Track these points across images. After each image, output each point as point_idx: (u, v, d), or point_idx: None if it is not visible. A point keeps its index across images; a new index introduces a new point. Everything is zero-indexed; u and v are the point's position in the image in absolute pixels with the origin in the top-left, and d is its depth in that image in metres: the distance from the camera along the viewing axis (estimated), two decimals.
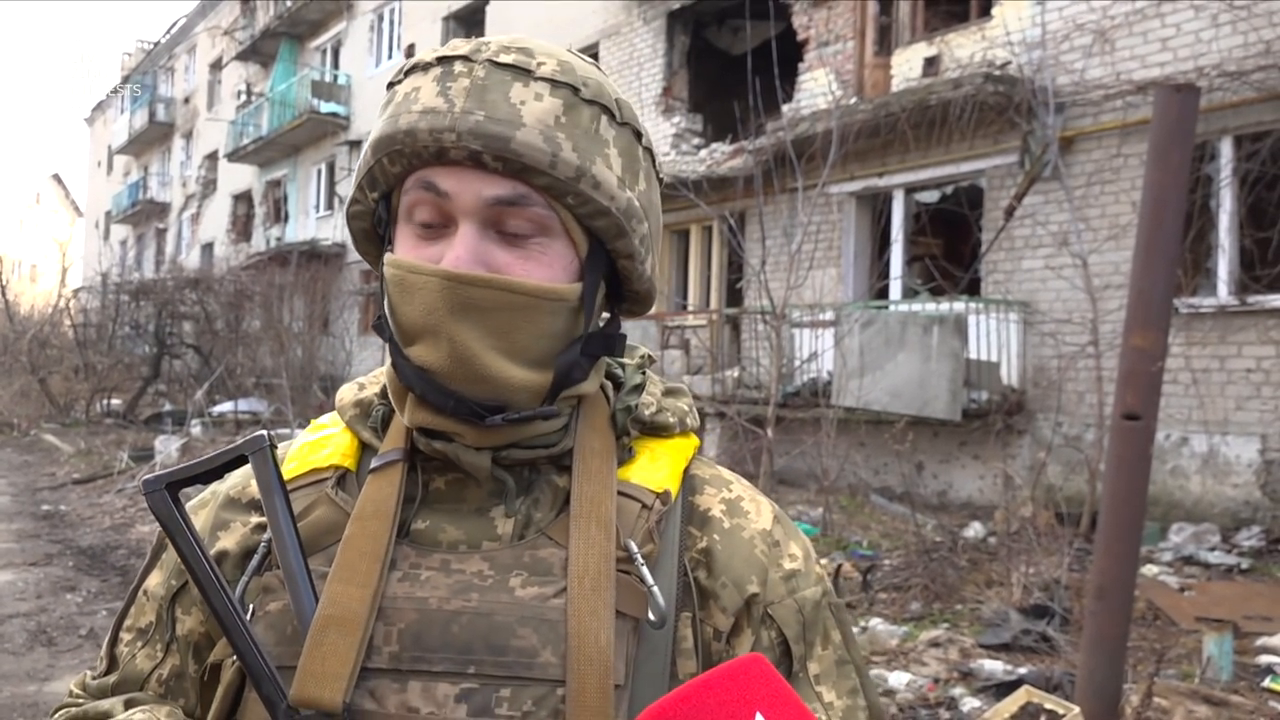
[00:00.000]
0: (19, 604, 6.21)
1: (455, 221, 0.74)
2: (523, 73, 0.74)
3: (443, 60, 0.75)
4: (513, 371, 0.75)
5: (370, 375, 0.91)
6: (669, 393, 0.90)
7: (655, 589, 0.73)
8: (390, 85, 0.79)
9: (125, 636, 0.85)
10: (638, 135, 0.80)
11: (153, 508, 0.72)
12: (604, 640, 0.70)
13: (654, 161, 0.84)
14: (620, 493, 0.79)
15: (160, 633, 0.84)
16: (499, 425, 0.75)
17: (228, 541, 0.82)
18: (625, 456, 0.83)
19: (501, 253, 0.75)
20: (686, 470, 0.85)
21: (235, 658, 0.73)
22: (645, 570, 0.74)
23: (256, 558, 0.77)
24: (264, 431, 0.77)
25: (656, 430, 0.85)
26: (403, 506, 0.77)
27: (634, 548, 0.75)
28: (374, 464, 0.79)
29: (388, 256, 0.77)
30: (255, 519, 0.82)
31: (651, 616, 0.73)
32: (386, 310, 0.77)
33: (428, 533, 0.77)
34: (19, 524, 9.03)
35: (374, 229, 0.82)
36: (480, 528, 0.78)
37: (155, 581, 0.85)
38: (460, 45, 0.76)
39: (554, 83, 0.74)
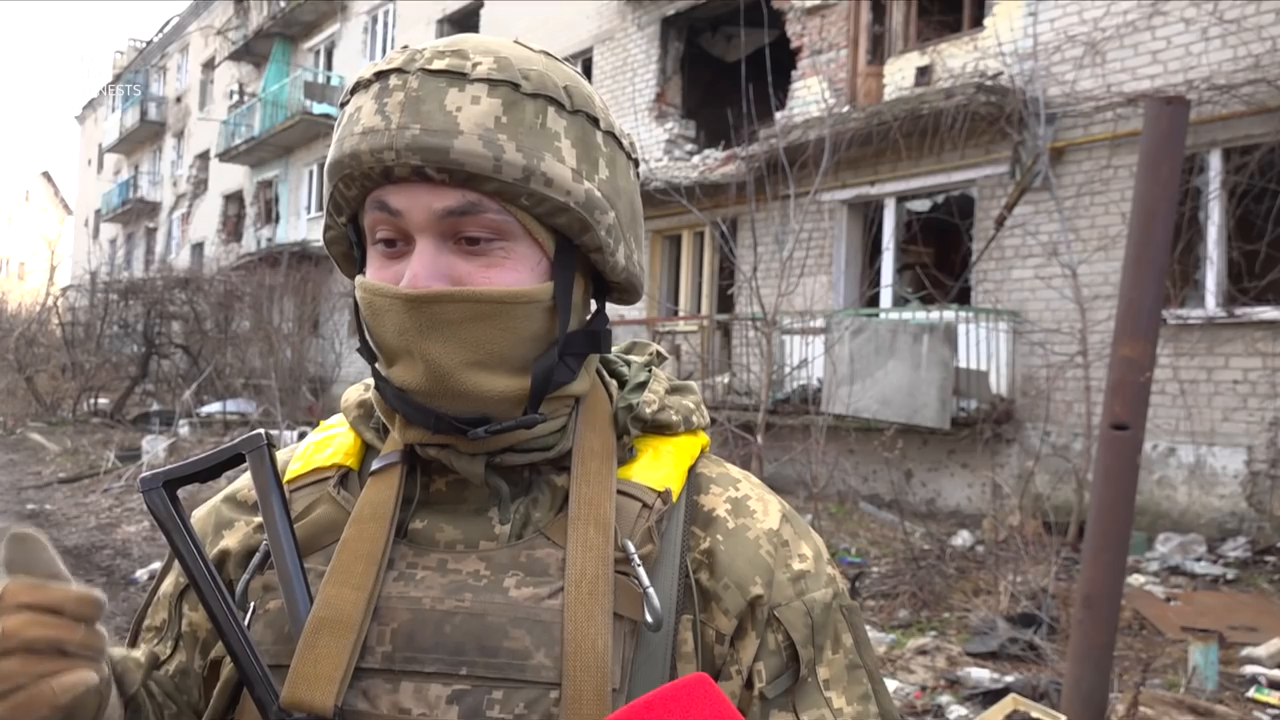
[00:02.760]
0: None
1: (412, 239, 0.73)
2: (457, 77, 0.71)
3: (379, 75, 0.73)
4: (491, 383, 0.73)
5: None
6: (675, 390, 0.88)
7: (651, 591, 0.72)
8: (341, 105, 0.78)
9: (146, 635, 0.86)
10: (594, 121, 0.76)
11: (150, 506, 0.71)
12: (601, 646, 0.69)
13: (620, 144, 0.79)
14: (620, 492, 0.77)
15: (170, 630, 0.85)
16: (481, 438, 0.74)
17: (230, 541, 0.82)
18: (627, 456, 0.81)
19: (462, 263, 0.73)
20: (692, 469, 0.83)
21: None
22: (642, 571, 0.73)
23: (258, 556, 0.77)
24: (261, 430, 0.77)
25: (660, 429, 0.84)
26: (401, 507, 0.77)
27: (631, 548, 0.74)
28: (374, 466, 0.79)
29: (357, 280, 0.77)
30: (257, 519, 0.82)
31: (648, 619, 0.71)
32: (366, 334, 0.78)
33: (425, 532, 0.77)
34: (3, 523, 8.97)
35: (350, 251, 0.82)
36: (478, 527, 0.77)
37: (169, 580, 0.87)
38: (396, 56, 0.74)
39: (491, 82, 0.72)
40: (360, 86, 0.75)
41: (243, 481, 0.86)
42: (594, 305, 0.83)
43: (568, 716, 0.67)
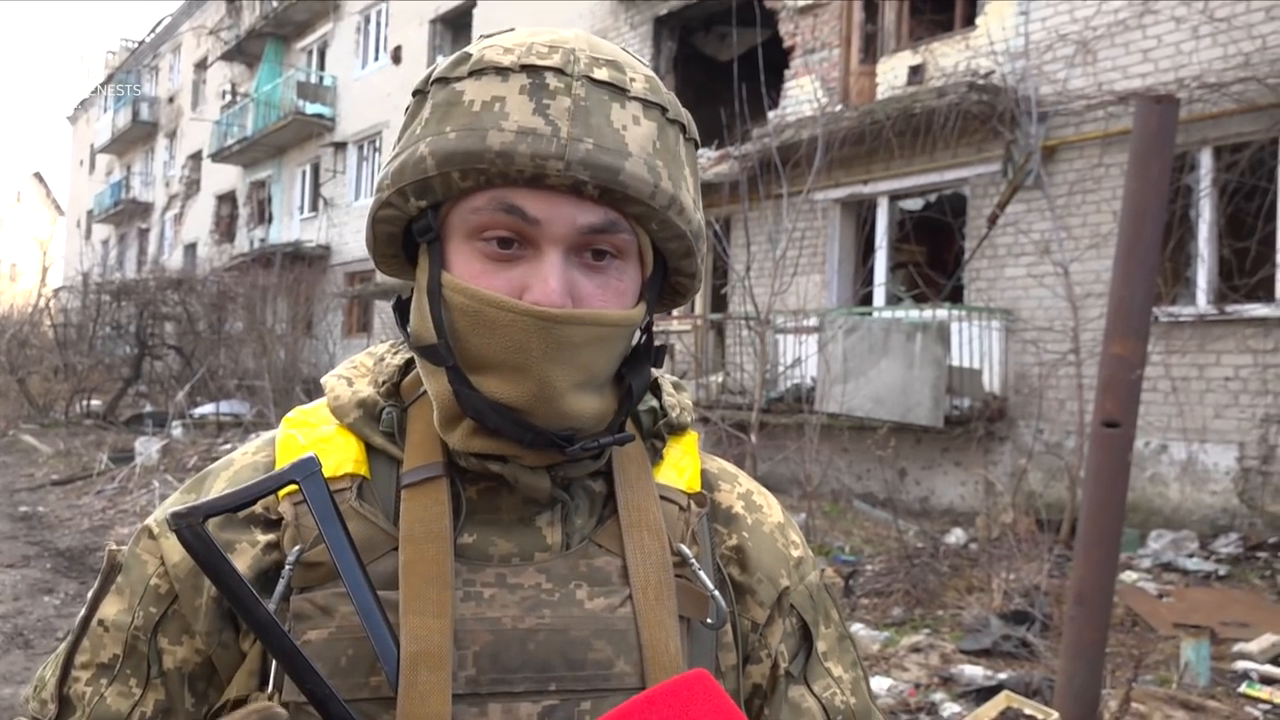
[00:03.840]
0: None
1: (538, 247, 0.70)
2: (619, 92, 0.70)
3: (529, 69, 0.69)
4: (587, 403, 0.72)
5: (349, 368, 0.85)
6: (674, 389, 0.90)
7: (717, 594, 0.75)
8: (444, 81, 0.72)
9: (82, 674, 0.76)
10: (696, 147, 0.78)
11: (187, 545, 0.64)
12: (674, 649, 0.72)
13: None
14: (659, 496, 0.80)
15: (133, 666, 0.75)
16: (578, 456, 0.73)
17: (238, 565, 0.73)
18: (655, 459, 0.83)
19: (585, 281, 0.71)
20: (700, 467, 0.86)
21: (270, 693, 0.69)
22: (704, 575, 0.76)
23: (282, 584, 0.71)
24: (312, 454, 0.70)
25: (676, 430, 0.87)
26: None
27: (687, 552, 0.77)
28: (410, 478, 0.75)
29: (451, 280, 0.71)
30: (263, 538, 0.75)
31: (709, 620, 0.75)
32: (446, 333, 0.71)
33: (477, 546, 0.75)
34: None
35: (403, 234, 0.76)
36: (529, 538, 0.76)
37: (115, 610, 0.76)
38: (546, 52, 0.70)
39: (646, 103, 0.71)
40: (492, 72, 0.69)
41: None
42: None
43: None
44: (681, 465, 0.84)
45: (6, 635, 5.53)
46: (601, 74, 0.70)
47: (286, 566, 0.71)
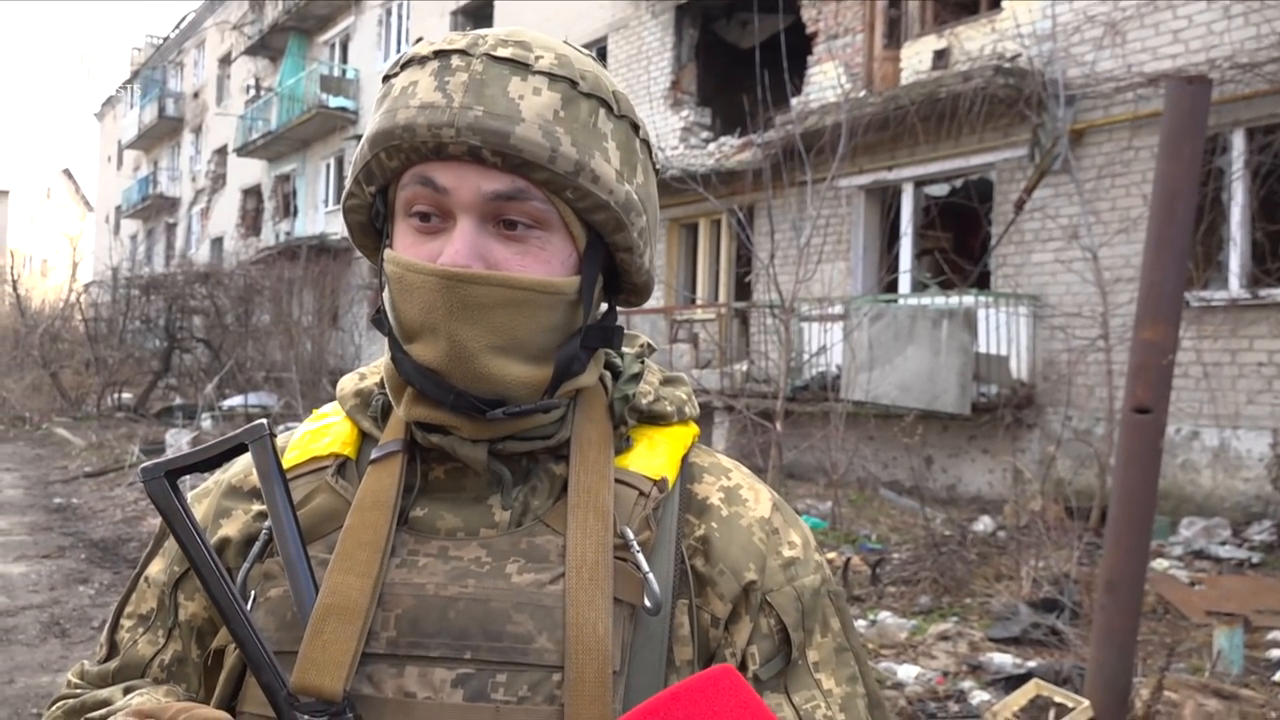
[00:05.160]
0: (32, 596, 6.26)
1: (453, 217, 0.74)
2: (521, 66, 0.73)
3: (440, 54, 0.75)
4: (511, 369, 0.75)
5: (371, 365, 0.91)
6: (667, 381, 0.90)
7: (650, 576, 0.74)
8: (386, 78, 0.79)
9: (126, 623, 0.86)
10: (635, 128, 0.80)
11: (151, 495, 0.72)
12: (602, 630, 0.71)
13: (651, 153, 0.83)
14: (618, 480, 0.79)
15: (162, 619, 0.84)
16: (499, 419, 0.75)
17: (230, 529, 0.82)
18: (623, 445, 0.83)
19: (500, 248, 0.74)
20: (685, 458, 0.85)
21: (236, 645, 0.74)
22: (641, 557, 0.75)
23: (258, 545, 0.78)
24: (263, 420, 0.77)
25: (654, 419, 0.86)
26: (402, 495, 0.78)
27: (630, 535, 0.76)
28: (374, 455, 0.80)
29: (387, 253, 0.77)
30: (256, 507, 0.83)
31: (647, 603, 0.73)
32: (387, 306, 0.78)
33: (426, 520, 0.78)
34: (31, 517, 9.09)
35: (371, 223, 0.82)
36: (478, 515, 0.78)
37: (157, 568, 0.86)
38: (457, 39, 0.75)
39: (552, 76, 0.74)
40: (414, 62, 0.76)
41: (239, 469, 0.87)
42: (603, 304, 0.85)
43: (570, 697, 0.69)
44: (655, 454, 0.83)
45: (43, 625, 5.63)
46: (505, 52, 0.74)
47: (263, 531, 0.78)
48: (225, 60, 29.29)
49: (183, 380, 19.88)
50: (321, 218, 23.10)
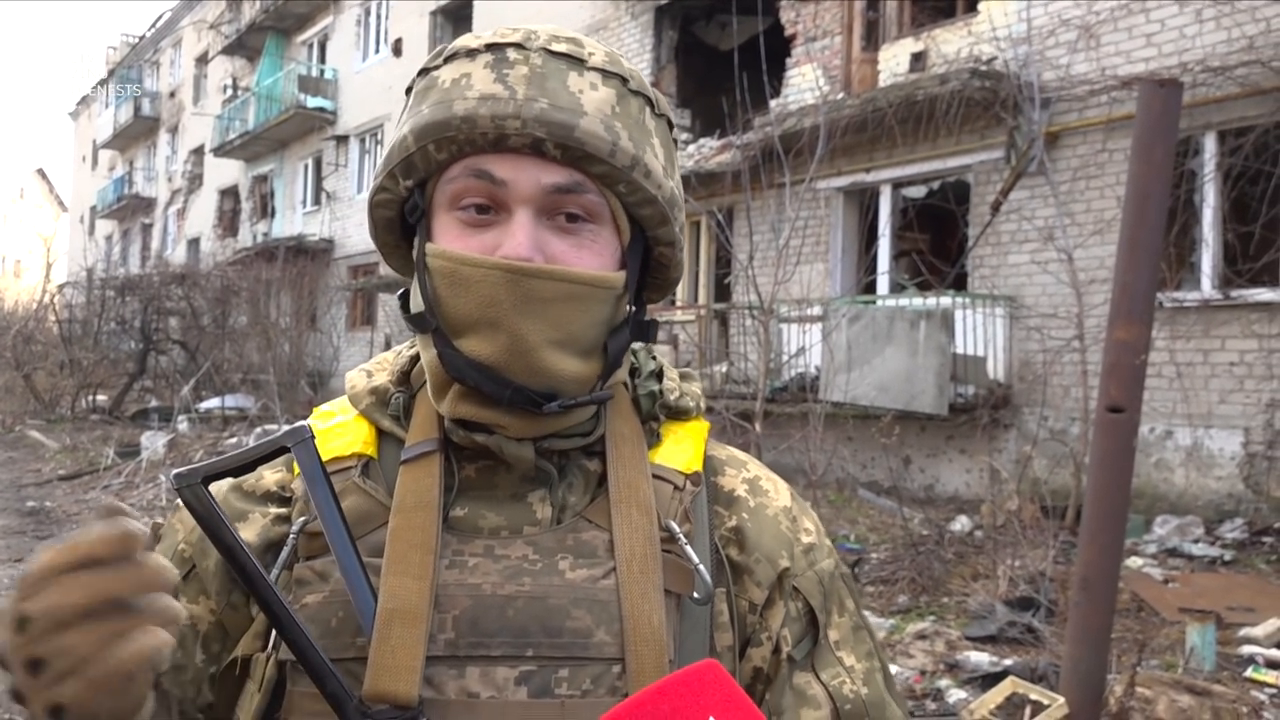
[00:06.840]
0: (3, 601, 6.18)
1: (509, 209, 0.74)
2: (576, 62, 0.75)
3: (493, 47, 0.75)
4: (567, 363, 0.75)
5: (374, 362, 0.90)
6: (683, 378, 0.92)
7: (701, 568, 0.76)
8: (425, 71, 0.78)
9: None
10: (670, 127, 0.82)
11: (188, 503, 0.68)
12: (657, 621, 0.73)
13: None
14: (653, 475, 0.81)
15: None
16: (555, 413, 0.75)
17: (247, 534, 0.80)
18: (653, 440, 0.85)
19: (556, 241, 0.75)
20: (704, 452, 0.87)
21: (269, 652, 0.73)
22: (690, 550, 0.77)
23: (286, 551, 0.76)
24: (305, 423, 0.74)
25: (678, 414, 0.88)
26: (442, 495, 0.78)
27: (675, 528, 0.77)
28: (407, 454, 0.79)
29: (431, 248, 0.76)
30: (274, 510, 0.81)
31: (696, 594, 0.75)
32: (428, 301, 0.75)
33: (467, 519, 0.78)
34: (4, 520, 8.98)
35: (399, 218, 0.81)
36: (519, 513, 0.78)
37: None
38: (509, 33, 0.76)
39: (605, 73, 0.75)
40: (463, 55, 0.76)
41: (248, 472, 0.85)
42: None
43: (633, 688, 0.70)
44: (682, 448, 0.85)
45: None
46: (560, 47, 0.75)
47: (290, 535, 0.77)
48: (202, 59, 29.01)
49: (158, 382, 19.71)
50: (299, 218, 22.94)
